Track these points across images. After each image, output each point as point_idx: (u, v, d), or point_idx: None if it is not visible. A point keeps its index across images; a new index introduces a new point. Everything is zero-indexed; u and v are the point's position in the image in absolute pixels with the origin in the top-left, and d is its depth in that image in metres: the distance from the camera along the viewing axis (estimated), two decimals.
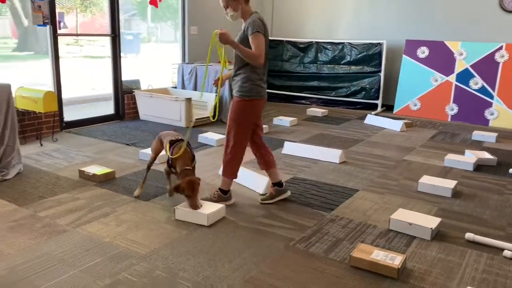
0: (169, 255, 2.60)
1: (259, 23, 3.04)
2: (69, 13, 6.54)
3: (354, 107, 7.84)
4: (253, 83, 3.16)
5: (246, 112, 3.23)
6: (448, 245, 2.83)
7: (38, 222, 3.00)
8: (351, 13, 7.95)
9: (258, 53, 3.00)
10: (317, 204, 3.44)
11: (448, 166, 4.53)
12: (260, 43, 3.01)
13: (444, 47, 6.96)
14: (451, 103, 6.93)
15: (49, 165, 4.23)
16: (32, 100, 4.79)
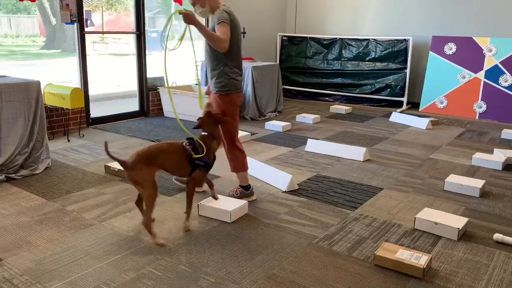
0: (193, 250, 2.62)
1: (225, 15, 3.04)
2: (95, 11, 6.66)
3: (379, 105, 7.74)
4: (228, 77, 3.17)
5: (231, 106, 3.23)
6: (476, 245, 2.76)
7: (65, 216, 3.07)
8: (376, 9, 7.83)
9: (222, 37, 2.97)
10: (341, 202, 3.41)
11: (476, 165, 4.42)
12: (225, 31, 2.99)
13: (473, 43, 6.79)
14: (479, 101, 6.76)
15: (76, 160, 4.32)
16: (60, 97, 4.90)
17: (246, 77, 6.40)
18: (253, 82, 6.35)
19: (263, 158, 4.50)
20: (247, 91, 6.40)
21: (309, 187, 3.73)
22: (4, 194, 3.44)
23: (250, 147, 4.93)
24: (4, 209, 3.16)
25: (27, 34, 5.97)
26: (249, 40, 8.05)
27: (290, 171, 4.04)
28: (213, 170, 4.08)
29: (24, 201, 3.31)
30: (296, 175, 3.99)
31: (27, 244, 2.66)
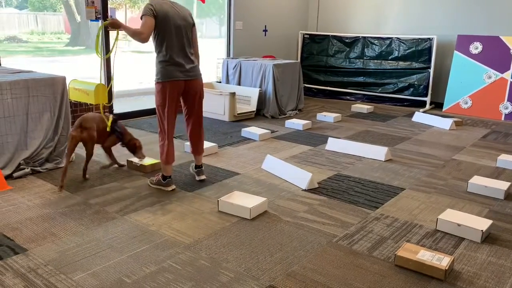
0: (213, 246, 2.64)
1: (147, 8, 3.25)
2: (119, 9, 6.75)
3: (401, 104, 7.63)
4: (161, 66, 3.36)
5: (159, 95, 3.40)
6: (500, 248, 2.70)
7: (88, 208, 3.13)
8: (400, 7, 7.72)
9: (140, 30, 3.20)
10: (361, 202, 3.38)
11: (501, 166, 4.32)
12: (144, 22, 3.23)
13: (500, 42, 6.63)
14: (505, 102, 6.60)
15: (99, 155, 4.39)
16: (84, 92, 4.98)
17: (267, 74, 6.39)
18: (274, 80, 6.34)
19: (283, 156, 4.50)
20: (268, 89, 6.39)
21: (329, 186, 3.71)
22: (30, 187, 3.52)
23: (270, 145, 4.93)
24: (30, 201, 3.24)
25: (52, 31, 6.09)
26: (270, 38, 8.05)
27: (310, 170, 4.03)
28: (234, 168, 4.10)
29: (49, 194, 3.38)
30: (316, 174, 3.97)
31: (52, 236, 2.72)
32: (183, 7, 3.47)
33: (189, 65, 3.43)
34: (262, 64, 6.48)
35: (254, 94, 6.42)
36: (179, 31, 3.35)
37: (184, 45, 3.40)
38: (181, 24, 3.36)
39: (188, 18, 3.43)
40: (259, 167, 4.13)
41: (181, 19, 3.37)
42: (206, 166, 4.12)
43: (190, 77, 3.44)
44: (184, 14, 3.40)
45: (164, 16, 3.27)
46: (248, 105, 6.51)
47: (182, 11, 3.41)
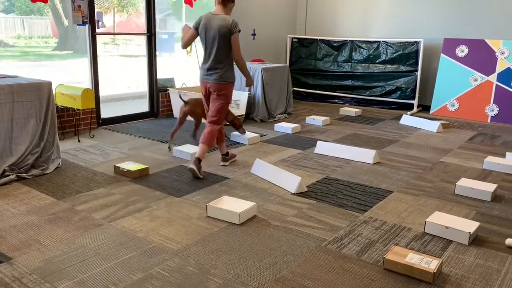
0: (201, 252, 2.62)
1: (195, 21, 3.96)
2: (107, 13, 6.70)
3: (389, 107, 7.68)
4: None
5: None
6: (487, 250, 2.72)
7: (75, 215, 3.09)
8: (387, 11, 7.79)
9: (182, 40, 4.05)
10: (350, 205, 3.39)
11: (487, 168, 4.37)
12: (184, 34, 4.05)
13: (485, 45, 6.72)
14: (491, 104, 6.68)
15: (86, 161, 4.35)
16: (71, 97, 4.94)
17: (256, 78, 6.39)
18: (263, 83, 6.34)
19: (272, 159, 4.49)
20: (257, 93, 6.39)
21: (318, 189, 3.71)
22: (15, 193, 3.47)
23: (259, 148, 4.93)
24: (15, 208, 3.18)
25: (39, 35, 6.02)
26: (259, 42, 8.06)
27: (299, 173, 4.03)
28: (223, 173, 4.09)
29: (34, 201, 3.33)
30: (305, 177, 3.97)
31: (37, 243, 2.68)
32: (222, 18, 3.84)
33: (211, 71, 3.95)
34: (251, 68, 6.48)
35: (243, 98, 6.42)
36: (209, 40, 3.90)
37: (211, 53, 3.92)
38: (208, 34, 3.89)
39: (221, 30, 3.81)
40: (248, 171, 4.12)
41: (214, 30, 3.84)
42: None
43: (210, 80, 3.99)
44: (218, 26, 3.82)
45: (201, 28, 3.91)
46: (237, 109, 6.50)
47: (218, 22, 3.83)
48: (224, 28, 3.79)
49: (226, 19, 3.82)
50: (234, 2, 4.01)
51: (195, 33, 3.96)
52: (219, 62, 3.91)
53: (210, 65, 3.93)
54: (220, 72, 3.92)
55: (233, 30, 3.81)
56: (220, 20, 3.81)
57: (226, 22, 3.80)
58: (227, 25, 3.80)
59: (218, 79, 3.94)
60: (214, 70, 3.93)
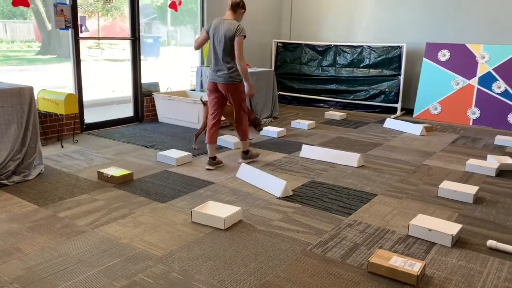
0: (186, 258, 2.60)
1: (207, 25, 4.24)
2: (91, 17, 6.65)
3: (373, 111, 7.76)
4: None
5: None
6: (469, 252, 2.76)
7: (57, 222, 3.05)
8: (370, 16, 7.88)
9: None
10: (335, 208, 3.41)
11: (469, 171, 4.43)
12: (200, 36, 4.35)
13: (466, 50, 6.84)
14: (473, 107, 6.80)
15: (69, 166, 4.30)
16: (53, 102, 4.88)
17: None
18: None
19: (257, 164, 4.50)
20: None
21: (303, 193, 3.72)
22: None
23: None
24: None
25: (22, 40, 5.94)
26: (244, 46, 8.05)
27: (284, 177, 4.03)
28: (209, 177, 4.08)
29: (16, 208, 3.28)
30: (290, 181, 3.98)
31: (18, 251, 2.63)
32: (230, 22, 4.06)
33: (219, 72, 4.17)
34: None
35: None
36: (216, 44, 4.14)
37: (218, 55, 4.15)
38: (220, 38, 4.10)
39: (227, 33, 4.03)
40: (233, 176, 4.12)
41: (222, 33, 4.07)
42: (179, 176, 4.08)
43: (219, 80, 4.19)
44: (225, 30, 4.04)
45: (212, 32, 4.16)
46: None
47: (226, 26, 4.05)
48: (230, 32, 4.02)
49: (233, 24, 4.03)
50: (245, 9, 4.21)
51: (206, 36, 4.23)
52: (226, 64, 4.13)
53: (218, 67, 4.17)
54: (228, 73, 4.14)
55: (237, 34, 4.01)
56: (228, 25, 4.04)
57: (233, 27, 4.02)
58: (233, 29, 4.01)
59: (227, 80, 4.15)
60: (222, 71, 4.15)
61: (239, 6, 4.13)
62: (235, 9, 4.13)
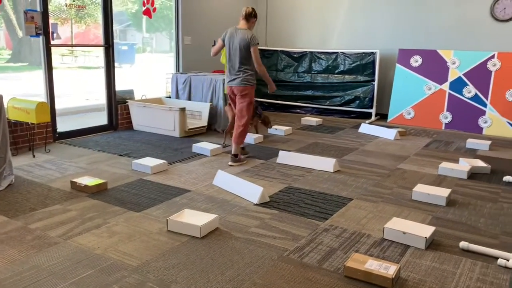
0: (161, 267, 2.57)
1: (223, 34, 4.65)
2: (64, 24, 6.54)
3: (348, 116, 7.86)
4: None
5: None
6: (443, 254, 2.81)
7: (28, 234, 2.97)
8: (344, 23, 8.00)
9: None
10: (311, 214, 3.42)
11: (442, 174, 4.53)
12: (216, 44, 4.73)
13: (437, 56, 7.01)
14: (445, 112, 6.96)
15: (41, 177, 4.20)
16: (24, 111, 4.76)
17: (218, 89, 6.39)
18: (224, 94, 6.35)
19: (234, 170, 4.49)
20: (219, 104, 6.39)
21: (280, 199, 3.73)
22: None
23: (222, 159, 4.91)
24: None
25: None
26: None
27: (261, 184, 4.04)
28: (185, 185, 4.04)
29: None
30: (267, 187, 3.98)
31: None
32: (244, 31, 4.48)
33: (234, 76, 4.59)
34: (212, 78, 6.48)
35: (205, 109, 6.40)
36: (232, 50, 4.55)
37: (233, 61, 4.57)
38: (231, 44, 4.55)
39: (242, 42, 4.45)
40: (210, 183, 4.10)
41: (236, 42, 4.50)
42: (154, 185, 4.03)
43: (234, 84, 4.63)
44: (240, 38, 4.47)
45: (227, 40, 4.58)
46: (199, 120, 6.47)
47: (241, 35, 4.47)
48: (244, 41, 4.44)
49: (247, 33, 4.45)
50: (256, 18, 4.61)
51: (221, 44, 4.64)
52: (240, 68, 4.55)
53: (233, 72, 4.60)
54: (242, 76, 4.55)
55: (252, 43, 4.43)
56: (242, 34, 4.46)
57: (246, 36, 4.44)
58: (246, 38, 4.43)
59: (240, 83, 4.58)
60: (237, 75, 4.57)
61: (251, 15, 4.53)
62: (248, 19, 4.52)
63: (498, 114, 6.56)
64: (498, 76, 6.56)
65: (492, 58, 6.61)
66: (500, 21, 6.70)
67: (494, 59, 6.59)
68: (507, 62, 6.51)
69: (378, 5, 7.64)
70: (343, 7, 7.96)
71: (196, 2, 7.40)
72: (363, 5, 7.78)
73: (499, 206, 3.67)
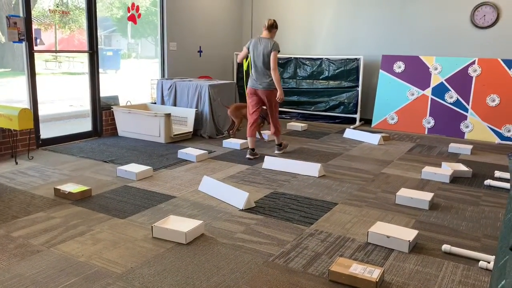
0: (146, 274, 2.55)
1: (248, 42, 5.18)
2: (48, 30, 6.48)
3: (333, 122, 7.93)
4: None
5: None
6: (426, 257, 2.85)
7: (11, 242, 2.92)
8: (328, 30, 8.09)
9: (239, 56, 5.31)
10: (297, 219, 3.44)
11: (425, 178, 4.60)
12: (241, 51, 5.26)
13: (420, 62, 7.13)
14: (427, 117, 7.07)
15: (24, 184, 4.14)
16: (7, 118, 4.70)
17: (203, 95, 6.40)
18: (210, 100, 6.36)
19: (220, 176, 4.49)
20: (204, 109, 6.39)
21: (266, 204, 3.74)
22: None
23: (208, 165, 4.91)
24: None
25: None
26: (205, 58, 8.09)
27: (247, 189, 4.05)
28: (170, 191, 4.03)
29: None
30: (253, 193, 3.99)
31: None
32: (267, 40, 5.01)
33: (259, 80, 5.10)
34: (198, 84, 6.48)
35: (190, 114, 6.39)
36: (256, 57, 5.08)
37: (258, 67, 5.09)
38: (255, 52, 5.08)
39: (265, 49, 4.98)
40: (196, 189, 4.09)
41: (260, 49, 5.03)
42: (139, 191, 4.01)
43: (260, 87, 5.13)
44: (263, 46, 5.00)
45: (252, 48, 5.11)
46: (185, 125, 6.46)
47: (264, 44, 5.01)
48: (267, 49, 4.99)
49: (269, 42, 5.00)
50: (277, 28, 5.12)
51: (246, 51, 5.18)
52: (265, 74, 5.08)
53: (258, 77, 5.12)
54: (267, 81, 5.08)
55: (273, 49, 4.96)
56: (265, 42, 5.00)
57: (270, 44, 4.99)
58: (269, 46, 4.98)
59: (266, 87, 5.09)
60: (262, 80, 5.09)
61: (273, 26, 5.07)
62: (270, 29, 5.06)
63: (479, 119, 6.69)
64: (479, 81, 6.70)
65: (472, 64, 6.75)
66: (480, 28, 6.86)
67: (475, 65, 6.73)
68: (487, 68, 6.66)
69: (362, 12, 7.75)
70: (328, 14, 8.05)
71: (181, 8, 7.41)
72: (347, 12, 7.88)
73: (481, 209, 3.74)
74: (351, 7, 7.83)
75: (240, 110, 6.24)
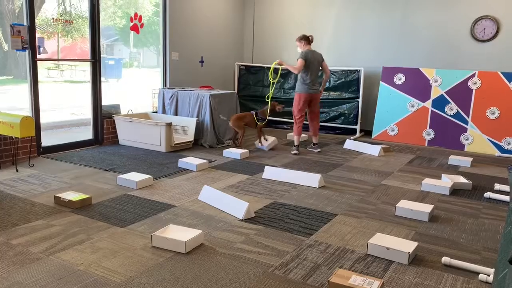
0: (145, 283, 2.55)
1: (302, 54, 5.94)
2: (51, 38, 6.54)
3: (334, 132, 7.95)
4: (299, 84, 6.09)
5: (296, 99, 6.14)
6: (425, 269, 2.85)
7: (10, 250, 2.92)
8: (330, 41, 8.14)
9: (295, 67, 5.94)
10: (296, 229, 3.44)
11: (425, 190, 4.60)
12: (298, 63, 5.92)
13: (420, 74, 7.17)
14: (427, 128, 7.09)
15: (24, 191, 4.15)
16: (8, 125, 4.72)
17: (204, 104, 6.43)
18: (211, 110, 6.38)
19: (220, 186, 4.49)
20: (205, 119, 6.42)
21: (266, 214, 3.74)
22: None
23: (208, 175, 4.92)
24: None
25: None
26: (207, 68, 8.13)
27: (247, 199, 4.05)
28: (170, 200, 4.03)
29: None
30: (253, 203, 4.00)
31: None
32: (316, 52, 6.02)
33: (315, 86, 6.06)
34: (199, 94, 6.51)
35: (191, 123, 6.41)
36: (314, 65, 5.97)
37: (314, 75, 6.02)
38: (313, 61, 5.96)
39: (319, 59, 6.02)
40: (196, 198, 4.09)
41: (315, 60, 5.97)
42: (140, 200, 4.02)
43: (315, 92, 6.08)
44: (317, 57, 5.99)
45: (309, 58, 5.91)
46: (186, 135, 6.48)
47: (317, 55, 6.01)
48: (319, 58, 6.02)
49: (318, 53, 6.04)
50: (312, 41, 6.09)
51: (304, 62, 5.87)
52: (317, 80, 6.09)
53: (314, 82, 6.02)
54: (319, 86, 6.16)
55: (323, 59, 6.09)
56: (316, 54, 6.00)
57: (319, 55, 6.04)
58: (320, 57, 6.04)
59: (317, 91, 6.10)
60: (316, 86, 6.08)
61: (312, 41, 6.04)
62: (311, 43, 6.03)
63: (479, 131, 6.71)
64: (479, 94, 6.73)
65: (472, 76, 6.79)
66: (480, 41, 6.90)
67: (475, 78, 6.77)
68: (487, 80, 6.69)
69: (362, 24, 7.81)
70: (329, 26, 8.12)
71: (183, 18, 7.48)
72: (348, 24, 7.94)
73: (481, 222, 3.74)
74: (352, 19, 7.90)
75: (241, 120, 6.31)
